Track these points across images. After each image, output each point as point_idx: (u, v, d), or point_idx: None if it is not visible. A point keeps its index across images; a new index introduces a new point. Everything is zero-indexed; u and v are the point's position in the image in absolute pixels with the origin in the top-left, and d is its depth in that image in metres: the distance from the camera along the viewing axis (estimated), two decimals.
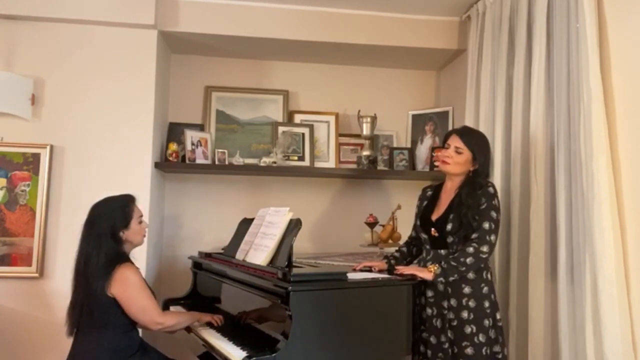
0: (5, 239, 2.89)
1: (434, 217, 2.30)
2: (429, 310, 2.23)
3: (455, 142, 2.28)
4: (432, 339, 2.20)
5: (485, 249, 2.14)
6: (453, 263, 2.14)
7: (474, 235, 2.17)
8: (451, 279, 2.15)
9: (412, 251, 2.51)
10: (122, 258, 2.25)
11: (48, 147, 2.94)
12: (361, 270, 2.37)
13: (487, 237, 2.15)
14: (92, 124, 3.02)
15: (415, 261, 2.44)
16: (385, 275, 2.30)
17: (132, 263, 2.28)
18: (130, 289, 2.17)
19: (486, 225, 2.17)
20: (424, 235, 2.33)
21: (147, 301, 2.21)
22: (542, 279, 2.34)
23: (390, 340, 2.15)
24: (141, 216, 2.38)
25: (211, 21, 3.18)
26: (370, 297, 2.13)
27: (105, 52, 3.06)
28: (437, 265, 2.16)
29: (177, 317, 2.34)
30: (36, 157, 2.93)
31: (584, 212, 2.10)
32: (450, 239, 2.22)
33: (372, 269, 2.39)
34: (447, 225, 2.22)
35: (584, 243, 2.09)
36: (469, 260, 2.13)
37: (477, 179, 2.26)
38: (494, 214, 2.19)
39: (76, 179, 2.97)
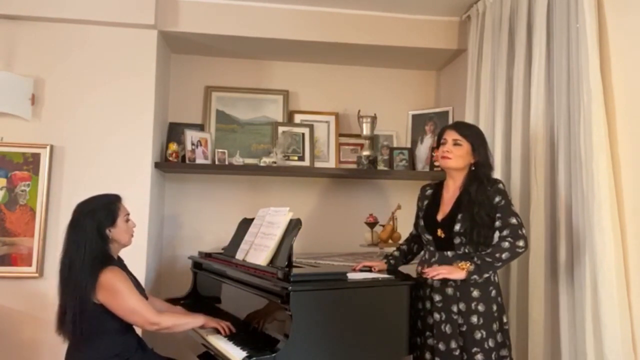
0: (5, 239, 2.89)
1: (440, 217, 2.21)
2: (436, 316, 2.12)
3: (451, 135, 2.19)
4: (441, 346, 2.08)
5: (521, 243, 2.05)
6: (488, 259, 2.03)
7: (505, 232, 2.07)
8: (485, 276, 2.06)
9: (412, 248, 2.46)
10: (107, 260, 2.15)
11: (48, 147, 2.94)
12: (361, 270, 2.36)
13: (520, 232, 2.06)
14: (92, 124, 3.02)
15: (416, 261, 2.42)
16: (385, 275, 2.29)
17: (116, 266, 2.18)
18: (116, 293, 2.08)
19: (513, 220, 2.08)
20: (428, 237, 2.23)
21: (136, 303, 2.11)
22: (542, 279, 2.33)
23: (390, 340, 2.15)
24: (128, 214, 2.27)
25: (211, 21, 3.18)
26: (370, 297, 2.13)
27: (105, 52, 3.06)
28: (469, 262, 2.05)
29: (175, 319, 2.24)
30: (36, 157, 2.93)
31: (584, 212, 2.10)
32: (457, 240, 2.13)
33: (372, 269, 2.37)
34: (455, 225, 2.13)
35: (584, 243, 2.09)
36: (504, 255, 2.03)
37: (481, 172, 2.18)
38: (514, 209, 2.13)
39: (76, 179, 2.96)
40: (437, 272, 2.05)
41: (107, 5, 3.02)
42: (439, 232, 2.18)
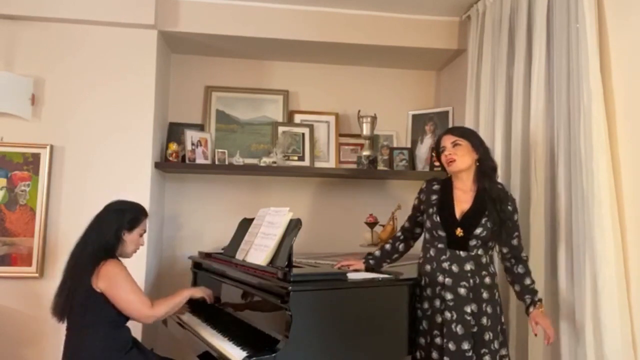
0: (5, 239, 2.89)
1: (458, 215, 2.16)
2: (447, 315, 2.08)
3: (448, 140, 2.20)
4: (451, 345, 2.04)
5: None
6: (536, 288, 2.17)
7: (524, 255, 2.21)
8: None
9: (398, 248, 2.40)
10: (111, 255, 2.25)
11: (48, 147, 2.94)
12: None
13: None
14: (92, 124, 3.02)
15: (421, 260, 2.30)
16: (385, 275, 2.29)
17: (120, 260, 2.29)
18: (116, 282, 2.17)
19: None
20: (441, 233, 2.17)
21: (134, 295, 2.20)
22: (542, 278, 2.34)
23: (390, 340, 2.15)
24: (144, 231, 2.41)
25: (211, 21, 3.18)
26: (370, 297, 2.13)
27: (105, 52, 3.06)
28: (538, 301, 2.12)
29: (166, 305, 2.33)
30: (36, 157, 2.93)
31: (584, 212, 2.10)
32: (473, 242, 2.12)
33: (348, 268, 2.33)
34: (477, 228, 2.11)
35: (584, 243, 2.09)
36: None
37: (486, 166, 2.20)
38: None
39: (76, 179, 2.97)
40: (550, 335, 2.06)
41: (107, 5, 3.02)
42: (458, 231, 2.14)
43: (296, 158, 3.49)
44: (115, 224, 2.28)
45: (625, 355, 1.94)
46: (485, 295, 2.11)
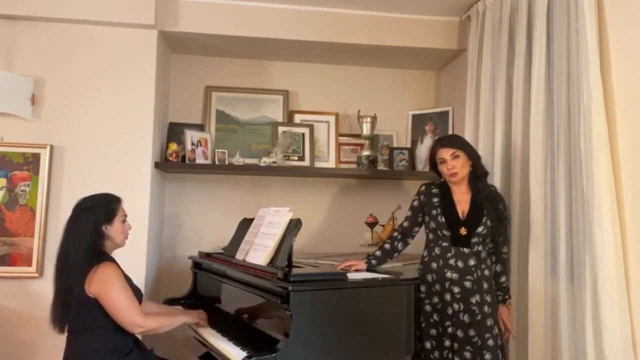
0: (5, 239, 2.89)
1: (461, 216, 2.33)
2: (455, 306, 2.26)
3: (447, 152, 2.36)
4: (459, 333, 2.23)
5: None
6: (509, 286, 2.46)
7: (505, 250, 2.44)
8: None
9: (396, 247, 2.47)
10: (102, 256, 2.18)
11: (48, 147, 2.94)
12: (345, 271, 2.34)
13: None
14: (92, 124, 3.02)
15: (426, 258, 2.36)
16: (385, 275, 2.30)
17: (113, 261, 2.22)
18: (108, 287, 2.09)
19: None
20: (445, 233, 2.32)
21: (126, 301, 2.11)
22: (542, 279, 2.34)
23: (390, 340, 2.15)
24: (125, 216, 2.31)
25: (211, 21, 3.18)
26: (370, 297, 2.13)
27: (105, 52, 3.06)
28: (507, 301, 2.43)
29: (159, 321, 2.24)
30: (36, 157, 2.93)
31: (584, 212, 2.10)
32: (475, 239, 2.29)
33: (349, 268, 2.36)
34: (479, 227, 2.29)
35: (584, 243, 2.09)
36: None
37: (479, 171, 2.40)
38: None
39: (76, 179, 2.96)
40: (510, 331, 2.43)
41: (107, 5, 3.02)
42: (462, 230, 2.30)
43: (296, 158, 3.49)
44: (92, 222, 2.17)
45: (625, 355, 1.94)
46: (485, 286, 2.29)
